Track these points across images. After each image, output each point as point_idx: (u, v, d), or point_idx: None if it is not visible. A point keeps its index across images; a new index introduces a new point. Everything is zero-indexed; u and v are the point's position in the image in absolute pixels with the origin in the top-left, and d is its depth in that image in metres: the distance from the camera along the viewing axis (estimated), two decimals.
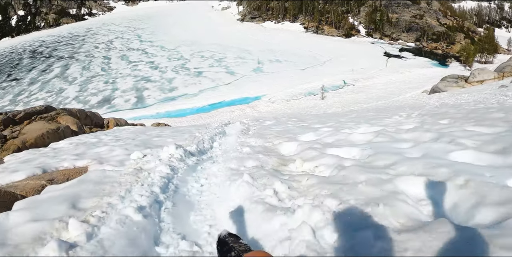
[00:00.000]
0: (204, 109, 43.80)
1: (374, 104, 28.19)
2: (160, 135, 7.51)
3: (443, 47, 79.96)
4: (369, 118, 7.67)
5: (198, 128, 8.78)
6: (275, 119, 11.07)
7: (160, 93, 52.00)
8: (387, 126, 5.35)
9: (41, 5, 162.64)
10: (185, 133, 7.69)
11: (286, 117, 12.15)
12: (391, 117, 7.18)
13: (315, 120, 9.35)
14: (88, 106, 52.90)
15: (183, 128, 10.54)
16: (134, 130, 9.07)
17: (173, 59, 70.54)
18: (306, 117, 11.10)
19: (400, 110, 10.87)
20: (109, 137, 7.35)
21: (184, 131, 8.51)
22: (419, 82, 48.71)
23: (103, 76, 65.73)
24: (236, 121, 14.22)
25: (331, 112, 18.79)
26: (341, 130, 5.50)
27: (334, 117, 10.00)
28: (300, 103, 40.89)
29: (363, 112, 13.33)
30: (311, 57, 66.39)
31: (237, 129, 7.83)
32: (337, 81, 50.96)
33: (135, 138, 6.84)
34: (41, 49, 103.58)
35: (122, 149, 5.06)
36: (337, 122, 7.45)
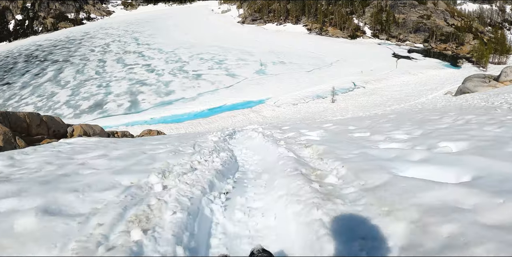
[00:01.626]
0: (203, 114, 40.17)
1: (397, 107, 24.68)
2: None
3: (453, 48, 76.58)
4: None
5: (194, 141, 5.16)
6: (305, 124, 7.49)
7: (155, 97, 48.37)
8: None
9: (39, 9, 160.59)
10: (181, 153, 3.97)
11: (331, 124, 8.49)
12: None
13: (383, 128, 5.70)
14: (78, 111, 49.62)
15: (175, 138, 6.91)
16: (94, 146, 5.44)
17: (171, 61, 67.07)
18: (360, 123, 7.54)
19: (442, 113, 8.34)
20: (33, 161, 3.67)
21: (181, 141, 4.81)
22: (435, 84, 45.29)
23: (96, 80, 62.38)
24: (247, 129, 10.62)
25: (362, 117, 15.21)
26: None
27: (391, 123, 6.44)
28: (308, 107, 37.26)
29: (400, 116, 9.83)
30: (316, 59, 62.87)
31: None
32: (346, 83, 47.36)
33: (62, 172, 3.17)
34: (37, 53, 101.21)
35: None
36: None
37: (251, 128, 9.91)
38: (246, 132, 9.13)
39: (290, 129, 7.74)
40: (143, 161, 3.87)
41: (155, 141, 6.70)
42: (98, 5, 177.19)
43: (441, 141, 3.84)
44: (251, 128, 10.53)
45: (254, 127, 10.31)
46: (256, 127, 9.97)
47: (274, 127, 10.82)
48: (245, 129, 14.04)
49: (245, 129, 14.01)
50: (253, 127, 16.13)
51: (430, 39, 78.50)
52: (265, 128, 9.04)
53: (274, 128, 9.63)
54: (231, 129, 11.55)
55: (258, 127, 9.89)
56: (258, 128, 9.42)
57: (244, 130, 12.87)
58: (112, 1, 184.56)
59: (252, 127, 10.61)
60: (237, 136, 8.63)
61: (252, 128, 10.20)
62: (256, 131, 6.77)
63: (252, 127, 10.61)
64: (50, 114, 38.71)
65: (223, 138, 6.89)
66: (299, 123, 11.29)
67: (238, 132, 11.79)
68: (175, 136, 11.37)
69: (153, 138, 10.41)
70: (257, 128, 9.50)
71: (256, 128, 9.50)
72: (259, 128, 9.26)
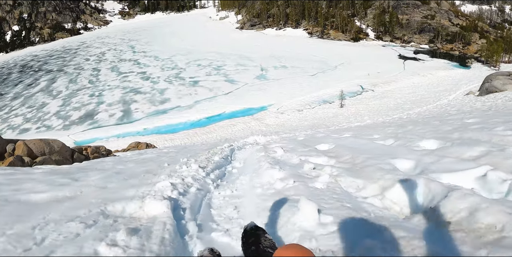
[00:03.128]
0: (200, 123, 36.97)
1: (420, 110, 21.52)
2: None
3: (459, 48, 73.74)
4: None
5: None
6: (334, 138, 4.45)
7: (149, 105, 45.28)
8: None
9: (36, 19, 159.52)
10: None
11: (371, 130, 5.35)
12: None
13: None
14: (68, 122, 46.76)
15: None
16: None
17: (167, 68, 64.22)
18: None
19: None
20: None
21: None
22: (449, 85, 42.19)
23: (89, 89, 59.64)
24: (250, 143, 7.62)
25: (393, 122, 12.03)
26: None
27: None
28: (315, 112, 34.02)
29: (442, 123, 7.01)
30: (320, 62, 59.90)
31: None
32: (353, 87, 44.23)
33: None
34: (32, 63, 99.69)
35: None
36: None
37: (259, 148, 6.76)
38: (251, 154, 6.08)
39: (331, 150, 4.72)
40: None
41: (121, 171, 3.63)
42: (95, 14, 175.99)
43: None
44: (257, 147, 7.37)
45: (264, 145, 7.12)
46: (268, 145, 6.85)
47: (292, 140, 7.68)
48: (247, 143, 10.81)
49: (247, 144, 10.80)
50: (260, 141, 12.84)
51: (436, 39, 75.67)
52: (283, 147, 5.95)
53: (293, 143, 6.53)
54: (228, 147, 8.31)
55: (272, 145, 6.78)
56: (271, 146, 6.31)
57: (246, 147, 9.68)
58: (110, 11, 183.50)
59: (258, 147, 7.41)
60: (236, 163, 5.59)
61: (259, 147, 7.00)
62: (273, 167, 3.61)
63: (258, 147, 7.41)
64: (38, 126, 34.49)
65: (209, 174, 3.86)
66: (324, 136, 8.06)
67: (238, 150, 8.63)
68: (154, 156, 8.15)
69: (128, 160, 7.16)
70: (268, 146, 6.35)
71: (267, 146, 6.35)
72: (275, 146, 6.14)
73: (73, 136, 41.57)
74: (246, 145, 10.22)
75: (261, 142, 12.34)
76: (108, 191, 2.86)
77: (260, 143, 11.48)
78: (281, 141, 8.65)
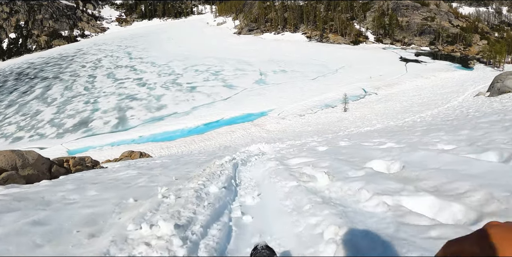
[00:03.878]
0: (198, 130, 35.44)
1: (432, 112, 20.15)
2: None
3: (461, 50, 72.76)
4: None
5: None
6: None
7: (145, 112, 43.73)
8: None
9: (33, 27, 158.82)
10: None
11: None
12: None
13: None
14: (62, 130, 45.33)
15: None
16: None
17: (164, 74, 62.81)
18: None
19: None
20: None
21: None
22: (454, 86, 40.89)
23: (84, 96, 58.21)
24: (255, 155, 6.30)
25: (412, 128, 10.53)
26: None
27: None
28: (318, 117, 32.54)
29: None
30: (320, 66, 58.59)
31: None
32: (356, 90, 42.85)
33: None
34: (28, 70, 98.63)
35: None
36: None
37: (276, 168, 4.95)
38: (267, 176, 4.45)
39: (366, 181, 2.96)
40: None
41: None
42: (92, 22, 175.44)
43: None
44: (271, 163, 5.67)
45: (278, 158, 5.35)
46: (285, 160, 4.93)
47: (311, 151, 6.05)
48: (251, 154, 9.22)
49: (252, 154, 9.19)
50: (265, 150, 11.27)
51: (437, 41, 74.70)
52: (313, 164, 4.20)
53: (317, 155, 4.78)
54: (229, 161, 6.65)
55: (291, 160, 4.86)
56: (291, 162, 4.53)
57: (252, 159, 8.11)
58: (107, 18, 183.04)
59: (272, 163, 5.69)
60: (248, 197, 3.76)
61: (274, 164, 5.34)
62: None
63: (272, 163, 5.69)
64: (31, 134, 32.31)
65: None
66: (368, 148, 6.53)
67: (242, 164, 7.12)
68: (134, 174, 6.62)
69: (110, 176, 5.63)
70: (286, 161, 4.53)
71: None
72: (299, 165, 4.33)
73: (66, 144, 40.04)
74: (251, 156, 8.66)
75: (267, 151, 10.86)
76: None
77: (266, 153, 9.95)
78: (299, 152, 7.00)
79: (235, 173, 5.44)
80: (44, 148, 39.88)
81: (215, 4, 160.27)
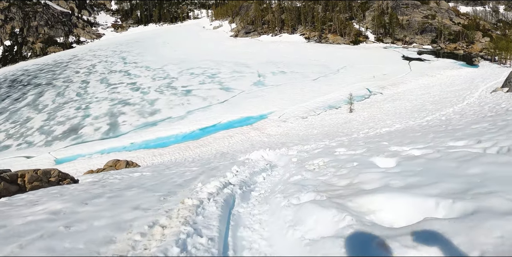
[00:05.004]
0: (193, 135, 33.08)
1: (452, 110, 17.92)
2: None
3: (463, 47, 70.82)
4: None
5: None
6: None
7: (138, 117, 41.35)
8: None
9: (28, 34, 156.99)
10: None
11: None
12: None
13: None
14: (50, 137, 42.96)
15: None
16: None
17: (158, 78, 60.54)
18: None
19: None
20: None
21: None
22: (464, 83, 38.83)
23: (76, 102, 55.96)
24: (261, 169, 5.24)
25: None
26: None
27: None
28: (322, 119, 30.22)
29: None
30: (320, 66, 56.41)
31: None
32: (360, 90, 40.63)
33: None
34: (22, 77, 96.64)
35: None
36: None
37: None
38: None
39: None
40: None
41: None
42: (88, 28, 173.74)
43: None
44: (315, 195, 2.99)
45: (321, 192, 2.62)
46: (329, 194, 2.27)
47: (344, 163, 3.57)
48: (256, 170, 6.62)
49: (257, 170, 6.57)
50: (270, 158, 8.87)
51: (439, 39, 72.75)
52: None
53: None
54: (218, 192, 4.16)
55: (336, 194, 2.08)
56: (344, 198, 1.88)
57: (259, 179, 5.69)
58: (102, 24, 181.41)
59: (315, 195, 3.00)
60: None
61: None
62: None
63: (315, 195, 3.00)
64: (20, 142, 28.72)
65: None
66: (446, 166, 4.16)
67: (243, 192, 4.45)
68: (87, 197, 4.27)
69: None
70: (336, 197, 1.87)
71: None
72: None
73: (54, 153, 37.65)
74: (255, 173, 6.18)
75: (273, 160, 8.56)
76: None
77: (277, 165, 7.57)
78: (337, 168, 4.46)
79: (230, 216, 2.93)
80: (31, 157, 37.53)
81: (211, 8, 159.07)
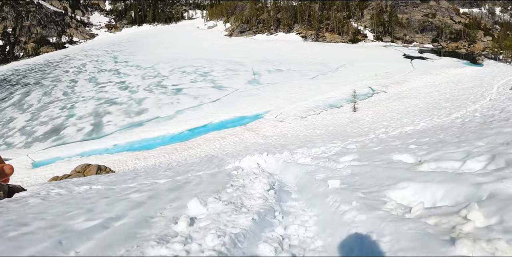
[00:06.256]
0: (181, 136, 30.30)
1: (480, 105, 15.49)
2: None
3: (465, 46, 68.86)
4: None
5: None
6: None
7: (124, 117, 38.47)
8: None
9: (20, 34, 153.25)
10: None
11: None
12: None
13: None
14: (31, 138, 40.03)
15: None
16: None
17: (148, 77, 57.74)
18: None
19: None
20: None
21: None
22: (473, 81, 36.81)
23: (62, 101, 53.11)
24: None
25: None
26: None
27: None
28: (324, 118, 27.61)
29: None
30: (319, 64, 53.91)
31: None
32: (362, 89, 38.11)
33: None
34: (11, 77, 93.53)
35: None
36: None
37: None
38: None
39: None
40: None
41: None
42: (81, 28, 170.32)
43: None
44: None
45: None
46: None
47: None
48: (247, 191, 3.92)
49: (247, 191, 3.90)
50: (267, 165, 6.32)
51: (440, 38, 70.71)
52: None
53: None
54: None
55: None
56: None
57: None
58: (96, 24, 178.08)
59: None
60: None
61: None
62: None
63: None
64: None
65: None
66: None
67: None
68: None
69: None
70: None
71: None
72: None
73: (32, 155, 34.66)
74: (254, 228, 3.18)
75: (275, 170, 5.99)
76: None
77: (285, 183, 4.95)
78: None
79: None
80: (9, 160, 34.53)
81: (206, 9, 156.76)
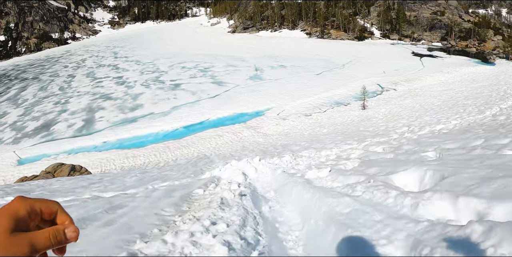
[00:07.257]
0: (175, 134, 28.27)
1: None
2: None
3: (475, 45, 66.43)
4: None
5: None
6: None
7: (117, 113, 36.48)
8: None
9: (23, 29, 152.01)
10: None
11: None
12: None
13: None
14: (20, 134, 38.26)
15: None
16: None
17: (147, 72, 55.79)
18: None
19: None
20: None
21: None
22: (487, 80, 34.53)
23: (57, 96, 51.43)
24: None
25: None
26: None
27: None
28: (330, 117, 25.48)
29: None
30: (324, 61, 51.75)
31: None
32: (370, 86, 35.89)
33: None
34: (11, 72, 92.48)
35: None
36: None
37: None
38: None
39: None
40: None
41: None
42: (84, 24, 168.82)
43: None
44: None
45: None
46: None
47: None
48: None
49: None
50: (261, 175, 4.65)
51: (449, 36, 68.27)
52: None
53: None
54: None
55: None
56: None
57: None
58: (99, 21, 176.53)
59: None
60: None
61: None
62: None
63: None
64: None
65: None
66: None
67: None
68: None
69: None
70: None
71: None
72: None
73: (20, 152, 32.71)
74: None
75: (265, 187, 6.13)
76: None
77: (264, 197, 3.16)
78: None
79: None
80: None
81: (209, 6, 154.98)
